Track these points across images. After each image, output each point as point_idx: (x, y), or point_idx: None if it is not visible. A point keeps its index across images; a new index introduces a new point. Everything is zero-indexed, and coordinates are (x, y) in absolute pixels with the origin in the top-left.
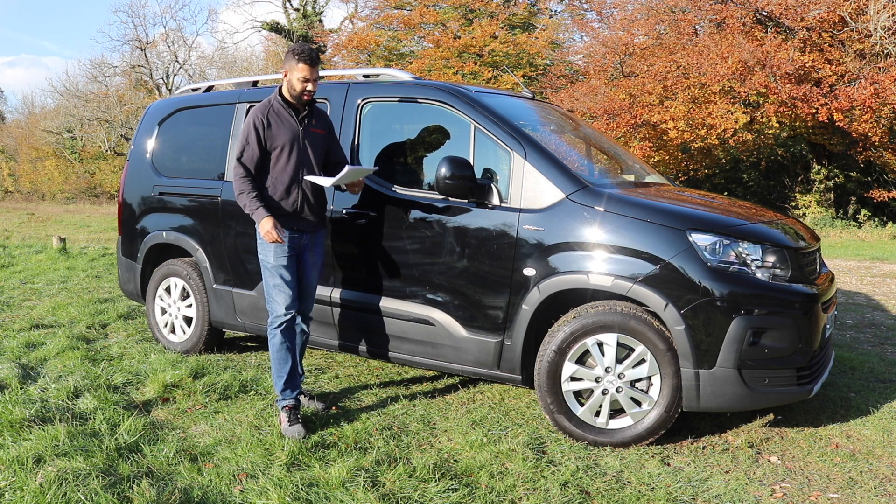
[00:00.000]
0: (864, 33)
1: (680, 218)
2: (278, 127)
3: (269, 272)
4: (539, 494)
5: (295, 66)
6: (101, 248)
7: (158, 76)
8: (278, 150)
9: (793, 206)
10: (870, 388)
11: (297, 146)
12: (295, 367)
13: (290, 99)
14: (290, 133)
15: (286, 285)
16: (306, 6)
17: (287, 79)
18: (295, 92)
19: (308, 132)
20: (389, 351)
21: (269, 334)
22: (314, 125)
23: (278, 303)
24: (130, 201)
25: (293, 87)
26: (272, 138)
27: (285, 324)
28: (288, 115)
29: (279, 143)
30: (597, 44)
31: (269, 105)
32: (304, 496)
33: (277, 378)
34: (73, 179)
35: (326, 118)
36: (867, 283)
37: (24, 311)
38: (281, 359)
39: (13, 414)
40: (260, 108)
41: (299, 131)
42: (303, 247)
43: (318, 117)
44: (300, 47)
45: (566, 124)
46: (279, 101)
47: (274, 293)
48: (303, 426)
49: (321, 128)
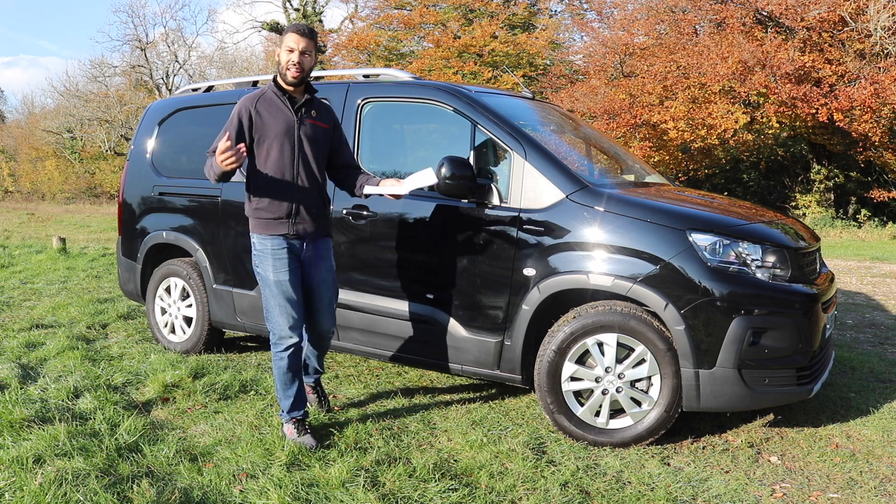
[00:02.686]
0: (864, 33)
1: (680, 218)
2: (270, 116)
3: (269, 289)
4: (539, 494)
5: (283, 39)
6: (101, 248)
7: (158, 76)
8: (268, 142)
9: (793, 206)
10: (870, 388)
11: (290, 139)
12: (302, 387)
13: (283, 84)
14: (283, 123)
15: (289, 305)
16: (306, 6)
17: (277, 58)
18: (281, 66)
19: (305, 123)
20: (389, 351)
21: (274, 356)
22: (315, 117)
23: (280, 324)
24: (130, 201)
25: (281, 65)
26: (260, 130)
27: (293, 348)
28: (282, 103)
29: (270, 134)
30: (597, 44)
31: (259, 95)
32: (304, 496)
33: (284, 398)
34: (73, 179)
35: (331, 113)
36: (867, 283)
37: (24, 311)
38: (287, 381)
39: (13, 414)
40: (249, 97)
41: (294, 122)
42: (305, 260)
43: (319, 109)
44: (294, 23)
45: (566, 124)
46: (273, 90)
47: (276, 313)
48: (312, 437)
49: (323, 121)
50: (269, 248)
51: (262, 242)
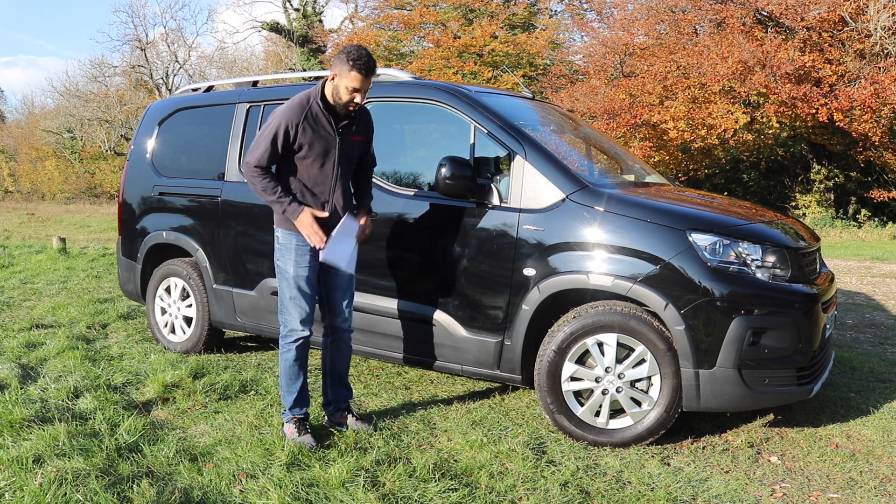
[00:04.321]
0: (864, 33)
1: (680, 218)
2: (314, 134)
3: (287, 282)
4: (539, 494)
5: (347, 73)
6: (101, 248)
7: (158, 76)
8: (309, 157)
9: (793, 206)
10: (870, 388)
11: (331, 157)
12: (305, 384)
13: (331, 103)
14: (325, 143)
15: (304, 299)
16: (306, 6)
17: (334, 83)
18: (340, 101)
19: (346, 141)
20: (389, 351)
21: (282, 348)
22: (354, 132)
23: (293, 316)
24: (130, 201)
25: (339, 95)
26: (303, 144)
27: (301, 340)
28: (326, 121)
29: (312, 151)
30: (597, 44)
31: (306, 107)
32: (304, 496)
33: (287, 394)
34: (73, 179)
35: (369, 123)
36: (867, 283)
37: (24, 311)
38: (292, 375)
39: (13, 414)
40: (295, 109)
41: (336, 141)
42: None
43: (360, 123)
44: (357, 52)
45: (566, 124)
46: (318, 105)
47: (290, 305)
48: (312, 437)
49: (361, 134)
50: (293, 244)
51: (286, 237)
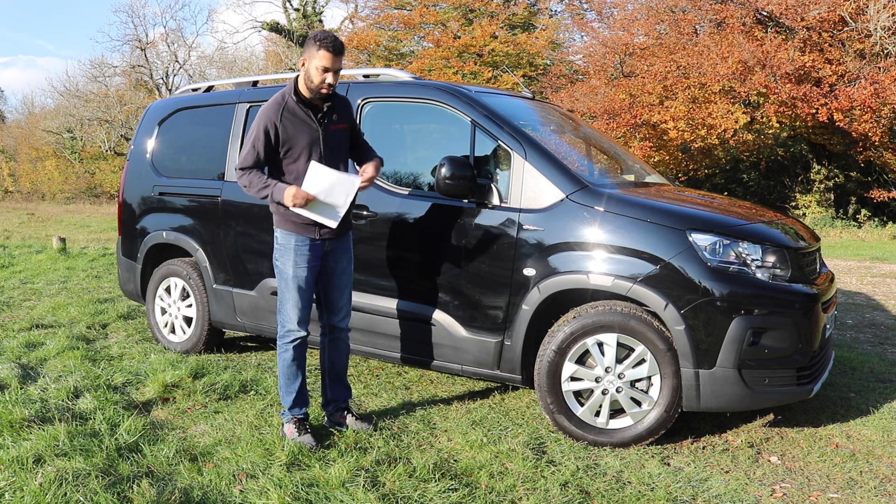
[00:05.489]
0: (864, 33)
1: (680, 218)
2: (294, 129)
3: (286, 282)
4: (539, 494)
5: (315, 52)
6: (101, 248)
7: (158, 76)
8: (294, 154)
9: (793, 206)
10: (870, 388)
11: (316, 149)
12: (304, 383)
13: (306, 94)
14: (307, 136)
15: (301, 299)
16: (306, 6)
17: (305, 69)
18: (312, 84)
19: (329, 132)
20: (389, 351)
21: (280, 348)
22: (335, 121)
23: (290, 317)
24: (130, 201)
25: (310, 79)
26: (287, 142)
27: (299, 340)
28: (305, 114)
29: (296, 147)
30: (597, 44)
31: (282, 104)
32: (304, 496)
33: (286, 394)
34: (73, 179)
35: (349, 109)
36: (867, 283)
37: (24, 311)
38: (291, 375)
39: (13, 414)
40: (272, 108)
41: (318, 133)
42: (325, 253)
43: (339, 111)
44: (322, 33)
45: (566, 124)
46: (293, 99)
47: (288, 306)
48: (312, 437)
49: (343, 122)
50: (292, 245)
51: (286, 238)
